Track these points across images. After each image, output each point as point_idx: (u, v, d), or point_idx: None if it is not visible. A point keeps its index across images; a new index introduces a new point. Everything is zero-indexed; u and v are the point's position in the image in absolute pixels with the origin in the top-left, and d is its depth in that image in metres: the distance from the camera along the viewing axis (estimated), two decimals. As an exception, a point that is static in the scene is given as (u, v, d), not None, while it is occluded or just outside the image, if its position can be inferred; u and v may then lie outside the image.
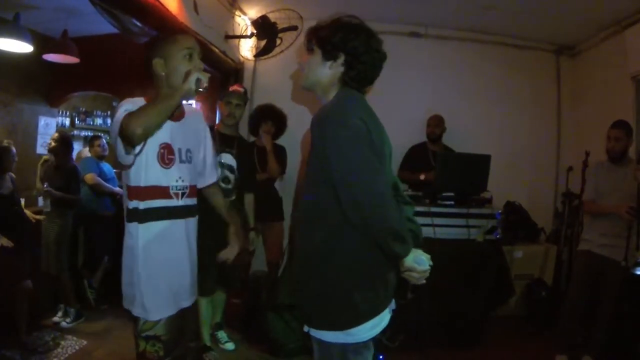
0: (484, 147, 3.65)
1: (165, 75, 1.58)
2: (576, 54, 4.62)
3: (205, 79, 1.49)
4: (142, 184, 1.55)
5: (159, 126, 1.47)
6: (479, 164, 3.41)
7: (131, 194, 1.57)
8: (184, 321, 1.72)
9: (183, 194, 1.66)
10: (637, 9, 3.55)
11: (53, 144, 3.47)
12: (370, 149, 1.26)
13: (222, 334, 3.18)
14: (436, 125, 3.99)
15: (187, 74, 1.48)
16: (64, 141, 3.49)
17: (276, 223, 3.67)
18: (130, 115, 1.37)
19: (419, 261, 1.29)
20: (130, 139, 1.38)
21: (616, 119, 2.98)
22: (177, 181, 1.64)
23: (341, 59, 1.38)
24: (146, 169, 1.55)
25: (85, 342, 3.10)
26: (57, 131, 3.63)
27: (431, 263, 1.31)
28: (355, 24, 1.41)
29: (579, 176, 3.57)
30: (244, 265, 3.51)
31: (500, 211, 3.44)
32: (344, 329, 1.30)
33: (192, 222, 1.74)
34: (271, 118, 3.53)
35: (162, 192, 1.60)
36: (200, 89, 1.49)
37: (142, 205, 1.56)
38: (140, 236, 1.56)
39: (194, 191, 1.74)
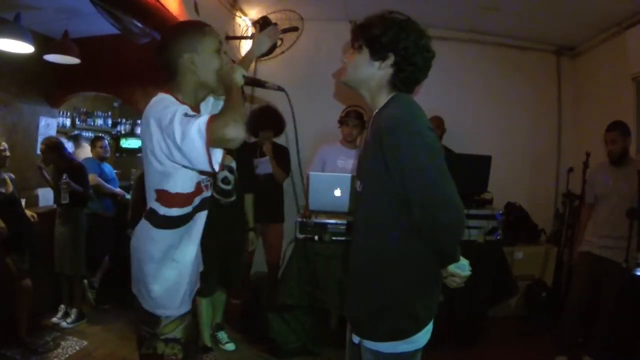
0: (485, 148, 3.65)
1: (195, 70, 1.45)
2: (577, 54, 4.62)
3: (246, 73, 1.45)
4: (188, 190, 1.48)
5: None
6: (479, 165, 3.41)
7: (173, 201, 1.47)
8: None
9: (210, 185, 1.62)
10: (637, 10, 3.55)
11: (43, 155, 3.50)
12: (442, 157, 1.24)
13: (222, 335, 3.18)
14: (436, 126, 3.97)
15: (231, 71, 1.44)
16: (50, 148, 3.48)
17: (276, 224, 3.67)
18: (220, 121, 1.24)
19: (461, 267, 1.32)
20: (232, 143, 1.27)
21: (612, 121, 2.98)
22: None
23: (391, 59, 1.31)
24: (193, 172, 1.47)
25: (85, 343, 3.10)
26: (42, 142, 3.60)
27: (471, 268, 1.34)
28: (405, 22, 1.34)
29: (579, 177, 3.57)
30: (244, 265, 3.52)
31: (500, 212, 3.44)
32: (407, 337, 1.30)
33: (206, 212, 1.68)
34: (270, 126, 3.52)
35: (198, 189, 1.53)
36: (258, 85, 1.50)
37: (178, 212, 1.48)
38: (173, 240, 1.50)
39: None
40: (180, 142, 1.25)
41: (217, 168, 1.30)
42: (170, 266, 1.53)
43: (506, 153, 4.31)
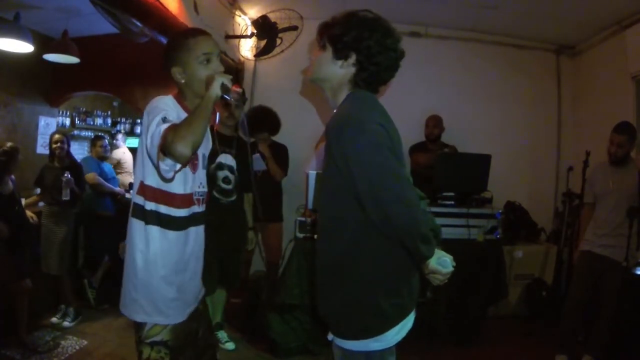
0: (484, 147, 3.65)
1: (185, 82, 1.51)
2: (576, 53, 4.62)
3: (228, 82, 1.40)
4: (176, 191, 1.50)
5: (202, 140, 1.36)
6: (479, 164, 3.41)
7: (155, 196, 1.48)
8: (197, 323, 1.66)
9: (202, 200, 1.62)
10: (637, 9, 3.55)
11: (60, 146, 3.42)
12: (392, 153, 1.22)
13: (222, 334, 3.18)
14: (434, 125, 3.98)
15: (210, 80, 1.39)
16: (64, 142, 3.49)
17: (275, 223, 3.67)
18: (174, 133, 1.26)
19: (443, 263, 1.28)
20: (180, 160, 1.28)
21: (619, 120, 2.96)
22: (199, 187, 1.60)
23: (352, 58, 1.31)
24: (181, 177, 1.49)
25: (85, 342, 3.10)
26: (57, 132, 3.57)
27: (454, 264, 1.29)
28: (370, 20, 1.32)
29: (579, 176, 3.57)
30: (244, 264, 3.52)
31: (500, 211, 3.44)
32: (373, 335, 1.28)
33: (202, 228, 1.69)
34: (265, 127, 3.50)
35: (187, 199, 1.54)
36: (226, 96, 1.40)
37: (167, 210, 1.49)
38: (158, 241, 1.49)
39: (208, 197, 1.69)
40: (148, 140, 1.34)
41: (167, 176, 1.36)
42: (168, 272, 1.51)
43: (506, 152, 4.31)
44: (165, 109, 1.40)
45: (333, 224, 1.33)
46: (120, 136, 5.22)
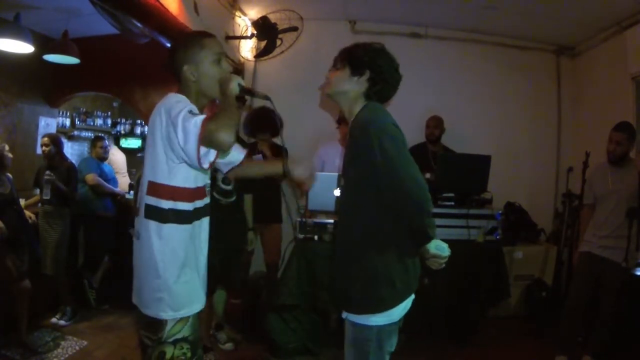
0: (484, 148, 3.65)
1: (196, 81, 1.56)
2: (576, 54, 4.62)
3: (242, 82, 1.51)
4: (193, 185, 1.54)
5: None
6: (479, 165, 3.41)
7: (171, 193, 1.50)
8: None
9: (209, 192, 1.68)
10: (637, 9, 3.55)
11: (46, 148, 3.48)
12: (405, 146, 1.51)
13: (222, 334, 3.18)
14: (435, 126, 3.98)
15: (227, 80, 1.51)
16: (53, 141, 3.50)
17: (274, 224, 3.67)
18: (215, 124, 1.34)
19: (440, 248, 1.47)
20: (224, 148, 1.40)
21: (619, 120, 2.96)
22: (207, 180, 1.66)
23: (367, 75, 1.60)
24: (196, 171, 1.53)
25: (85, 342, 3.10)
26: (45, 135, 3.60)
27: (450, 250, 1.48)
28: (381, 49, 1.65)
29: (579, 177, 3.57)
30: (244, 265, 3.52)
31: (500, 212, 3.43)
32: (387, 309, 1.51)
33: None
34: (266, 128, 3.48)
35: (201, 192, 1.60)
36: (245, 94, 1.53)
37: (183, 206, 1.52)
38: (176, 237, 1.51)
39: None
40: (180, 132, 1.36)
41: (205, 166, 1.41)
42: (186, 264, 1.54)
43: (506, 153, 4.31)
44: (187, 103, 1.45)
45: (354, 208, 1.59)
46: (106, 138, 5.13)
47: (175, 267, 1.52)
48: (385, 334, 1.54)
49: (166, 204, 1.50)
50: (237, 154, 1.77)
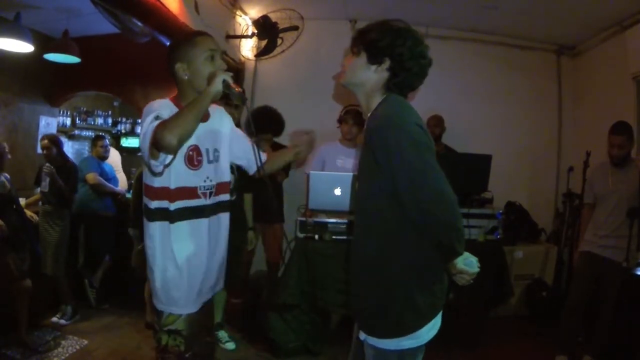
0: (485, 147, 3.65)
1: (188, 78, 1.57)
2: (577, 54, 4.62)
3: (230, 79, 1.47)
4: (172, 186, 1.56)
5: (192, 133, 1.44)
6: (479, 164, 3.41)
7: (157, 194, 1.57)
8: (205, 316, 1.77)
9: (211, 193, 1.67)
10: (637, 9, 3.55)
11: (47, 151, 3.46)
12: (430, 151, 1.28)
13: (222, 334, 3.18)
14: (435, 125, 3.98)
15: (212, 76, 1.47)
16: (52, 142, 3.48)
17: (275, 224, 3.67)
18: (163, 125, 1.35)
19: (469, 264, 1.30)
20: (167, 150, 1.37)
21: (616, 122, 2.95)
22: (205, 181, 1.64)
23: (386, 64, 1.37)
24: (175, 172, 1.55)
25: (85, 342, 3.10)
26: (44, 137, 3.58)
27: (479, 265, 1.32)
28: (403, 29, 1.39)
29: (580, 176, 3.57)
30: (244, 264, 3.52)
31: (501, 211, 3.43)
32: (408, 332, 1.31)
33: (224, 217, 1.75)
34: (268, 128, 3.48)
35: (190, 192, 1.60)
36: (227, 91, 1.47)
37: (172, 206, 1.57)
38: (164, 235, 1.58)
39: (223, 188, 1.73)
40: (141, 135, 1.43)
41: (156, 170, 1.47)
42: (165, 262, 1.60)
43: (506, 152, 4.31)
44: (159, 109, 1.48)
45: (370, 220, 1.37)
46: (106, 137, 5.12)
47: (158, 265, 1.60)
48: (408, 357, 1.35)
49: (152, 204, 1.58)
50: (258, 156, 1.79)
